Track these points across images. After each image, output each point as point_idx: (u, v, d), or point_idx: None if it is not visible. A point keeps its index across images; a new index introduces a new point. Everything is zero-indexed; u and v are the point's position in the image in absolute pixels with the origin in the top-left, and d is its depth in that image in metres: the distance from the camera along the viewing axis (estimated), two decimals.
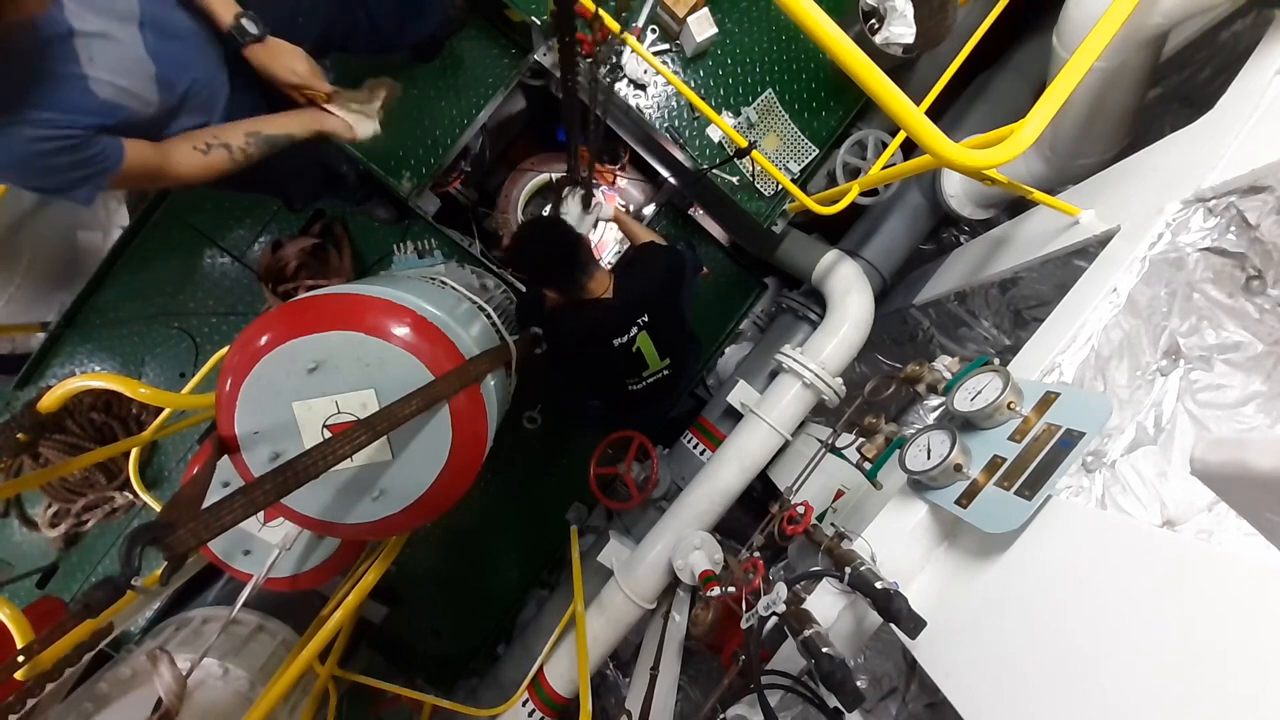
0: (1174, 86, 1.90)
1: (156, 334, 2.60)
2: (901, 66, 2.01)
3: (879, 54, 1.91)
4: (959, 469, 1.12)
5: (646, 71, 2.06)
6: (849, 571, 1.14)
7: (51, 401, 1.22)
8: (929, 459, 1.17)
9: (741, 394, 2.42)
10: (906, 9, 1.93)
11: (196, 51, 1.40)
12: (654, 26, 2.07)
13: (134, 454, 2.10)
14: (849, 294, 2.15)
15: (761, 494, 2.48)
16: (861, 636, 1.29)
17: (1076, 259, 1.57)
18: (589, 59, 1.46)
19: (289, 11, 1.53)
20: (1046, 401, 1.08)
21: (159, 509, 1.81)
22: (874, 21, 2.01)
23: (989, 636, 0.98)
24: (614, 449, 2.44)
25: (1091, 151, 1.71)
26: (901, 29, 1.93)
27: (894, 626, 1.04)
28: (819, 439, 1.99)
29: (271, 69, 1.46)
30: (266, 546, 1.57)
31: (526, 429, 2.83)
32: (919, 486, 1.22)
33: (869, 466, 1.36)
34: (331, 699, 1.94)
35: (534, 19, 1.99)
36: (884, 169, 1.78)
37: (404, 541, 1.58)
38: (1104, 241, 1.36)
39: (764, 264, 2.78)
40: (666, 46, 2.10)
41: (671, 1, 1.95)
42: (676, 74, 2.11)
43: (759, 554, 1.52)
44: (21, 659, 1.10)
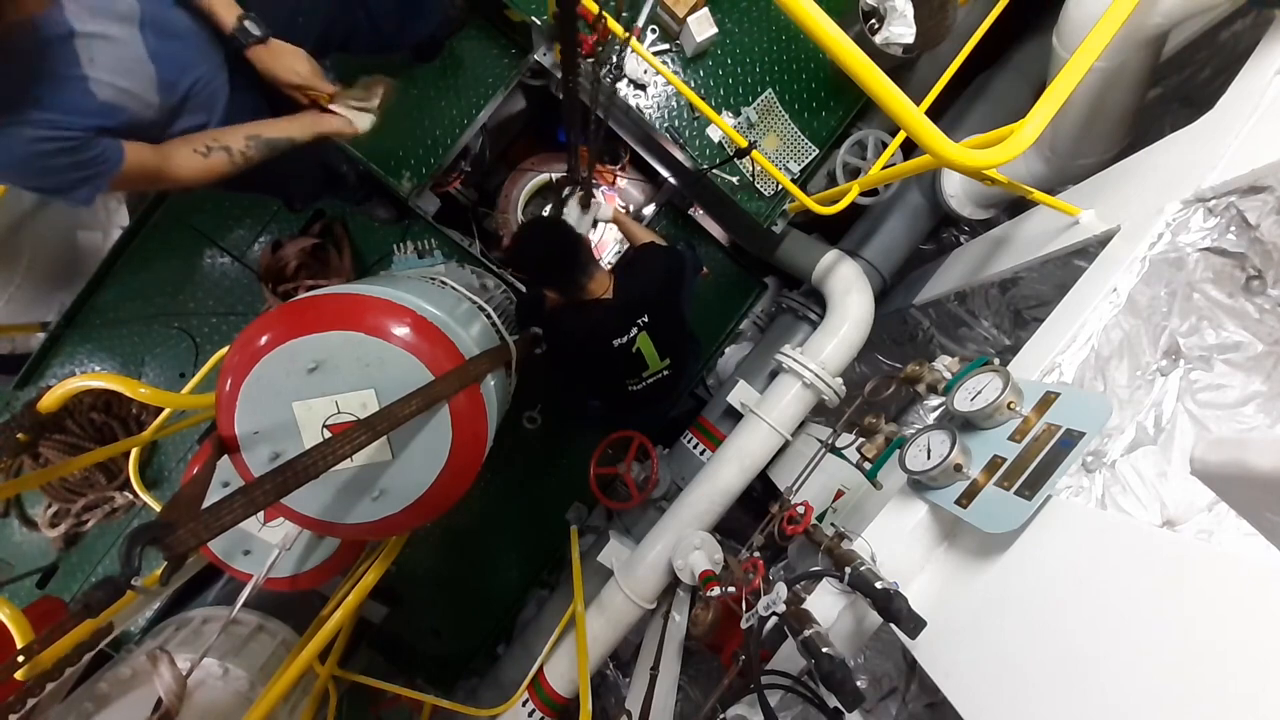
0: (1174, 86, 1.90)
1: (156, 334, 2.60)
2: (901, 66, 2.02)
3: (879, 54, 1.91)
4: (959, 469, 1.12)
5: (646, 71, 2.06)
6: (849, 571, 1.14)
7: (51, 401, 1.22)
8: (929, 459, 1.17)
9: (741, 394, 2.42)
10: (906, 9, 1.93)
11: (197, 52, 1.40)
12: (654, 26, 2.07)
13: (134, 454, 2.10)
14: (849, 294, 2.16)
15: (761, 494, 2.48)
16: (861, 636, 1.29)
17: (1076, 259, 1.57)
18: (589, 59, 1.46)
19: (289, 12, 1.53)
20: (1046, 401, 1.08)
21: (159, 509, 1.81)
22: (874, 21, 2.01)
23: (989, 636, 0.98)
24: (614, 449, 2.44)
25: (1091, 151, 1.71)
26: (901, 29, 1.93)
27: (894, 626, 1.04)
28: (819, 439, 1.99)
29: (274, 70, 1.47)
30: (266, 546, 1.57)
31: (526, 429, 2.83)
32: (919, 486, 1.22)
33: (869, 466, 1.36)
34: (331, 699, 1.94)
35: (534, 19, 1.99)
36: (884, 169, 1.78)
37: (404, 541, 1.58)
38: (1104, 241, 1.36)
39: (764, 264, 2.78)
40: (666, 46, 2.10)
41: (671, 1, 1.96)
42: (676, 74, 2.11)
43: (759, 554, 1.52)
44: (21, 659, 1.10)
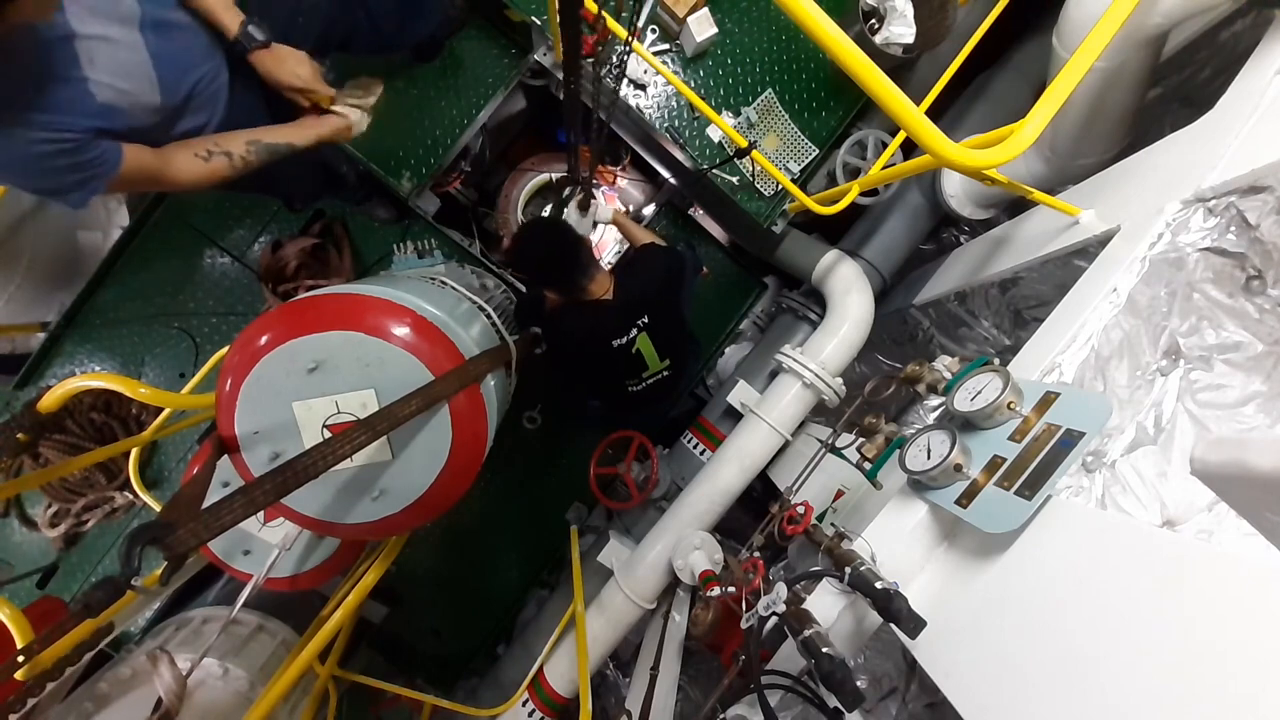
0: (1174, 86, 1.90)
1: (156, 334, 2.60)
2: (901, 66, 2.01)
3: (879, 54, 1.91)
4: (959, 469, 1.12)
5: (647, 71, 2.06)
6: (849, 571, 1.14)
7: (51, 401, 1.22)
8: (929, 459, 1.17)
9: (741, 394, 2.42)
10: (906, 9, 1.93)
11: (199, 52, 1.40)
12: (654, 26, 2.07)
13: (134, 454, 2.10)
14: (849, 294, 2.15)
15: (761, 494, 2.48)
16: (861, 636, 1.29)
17: (1076, 259, 1.57)
18: (589, 59, 1.46)
19: (289, 12, 1.53)
20: (1046, 401, 1.08)
21: (159, 509, 1.81)
22: (874, 21, 2.01)
23: (989, 636, 0.98)
24: (614, 449, 2.44)
25: (1091, 151, 1.71)
26: (901, 29, 1.93)
27: (894, 626, 1.04)
28: (819, 439, 1.99)
29: (276, 74, 1.48)
30: (266, 546, 1.57)
31: (526, 429, 2.83)
32: (919, 486, 1.22)
33: (869, 466, 1.36)
34: (331, 699, 1.94)
35: (534, 19, 1.99)
36: (884, 169, 1.77)
37: (404, 541, 1.58)
38: (1104, 241, 1.36)
39: (764, 264, 2.78)
40: (666, 46, 2.10)
41: (671, 1, 1.96)
42: (676, 74, 2.11)
43: (759, 554, 1.52)
44: (21, 659, 1.10)
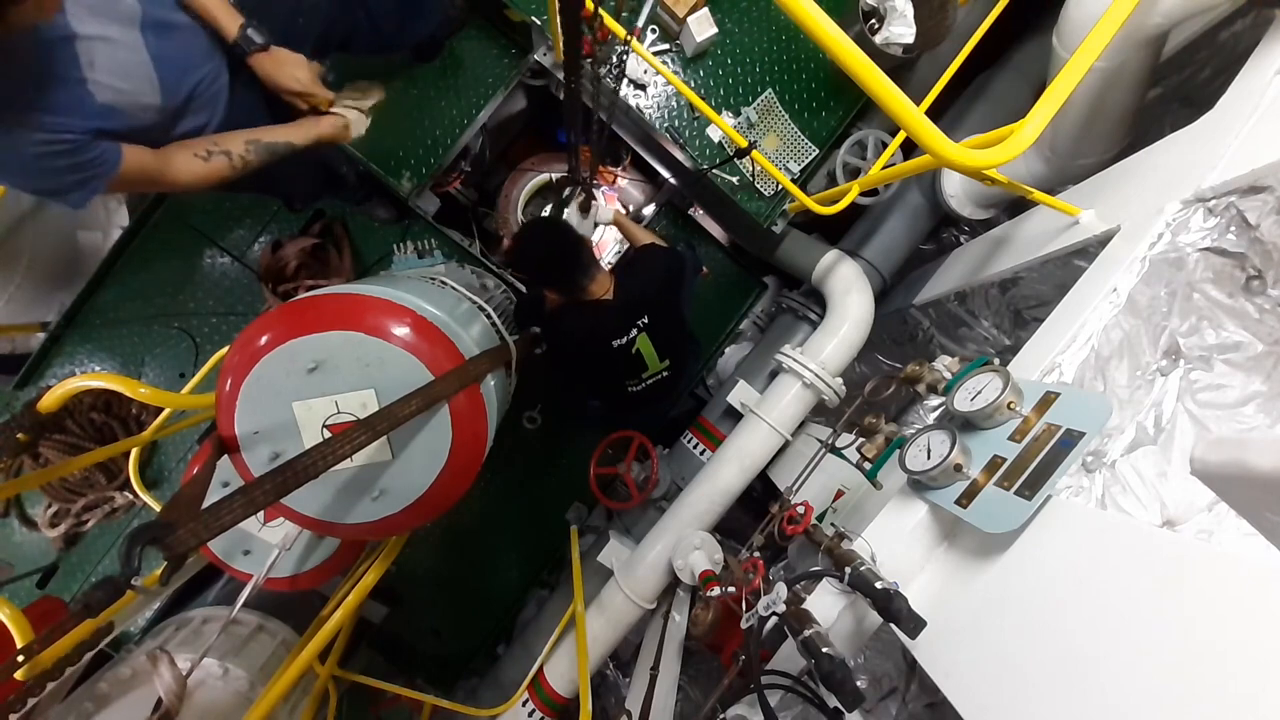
0: (1174, 86, 1.90)
1: (156, 334, 2.60)
2: (901, 66, 2.01)
3: (879, 54, 1.91)
4: (959, 469, 1.12)
5: (646, 71, 2.06)
6: (849, 571, 1.14)
7: (51, 401, 1.22)
8: (929, 459, 1.17)
9: (741, 394, 2.42)
10: (906, 9, 1.93)
11: (199, 53, 1.40)
12: (654, 26, 2.07)
13: (134, 454, 2.10)
14: (849, 294, 2.16)
15: (761, 494, 2.48)
16: (861, 636, 1.29)
17: (1076, 259, 1.57)
18: (589, 59, 1.46)
19: (289, 12, 1.53)
20: (1046, 401, 1.08)
21: (159, 509, 1.81)
22: (874, 21, 2.01)
23: (989, 636, 0.98)
24: (614, 449, 2.44)
25: (1091, 151, 1.71)
26: (901, 29, 1.93)
27: (894, 626, 1.04)
28: (819, 439, 1.99)
29: (275, 77, 1.48)
30: (266, 546, 1.57)
31: (526, 429, 2.83)
32: (919, 486, 1.22)
33: (869, 466, 1.36)
34: (331, 699, 1.94)
35: (534, 19, 1.99)
36: (884, 169, 1.78)
37: (404, 541, 1.58)
38: (1104, 241, 1.36)
39: (764, 264, 2.78)
40: (666, 46, 2.10)
41: (671, 1, 1.95)
42: (676, 74, 2.11)
43: (759, 554, 1.52)
44: (21, 659, 1.10)
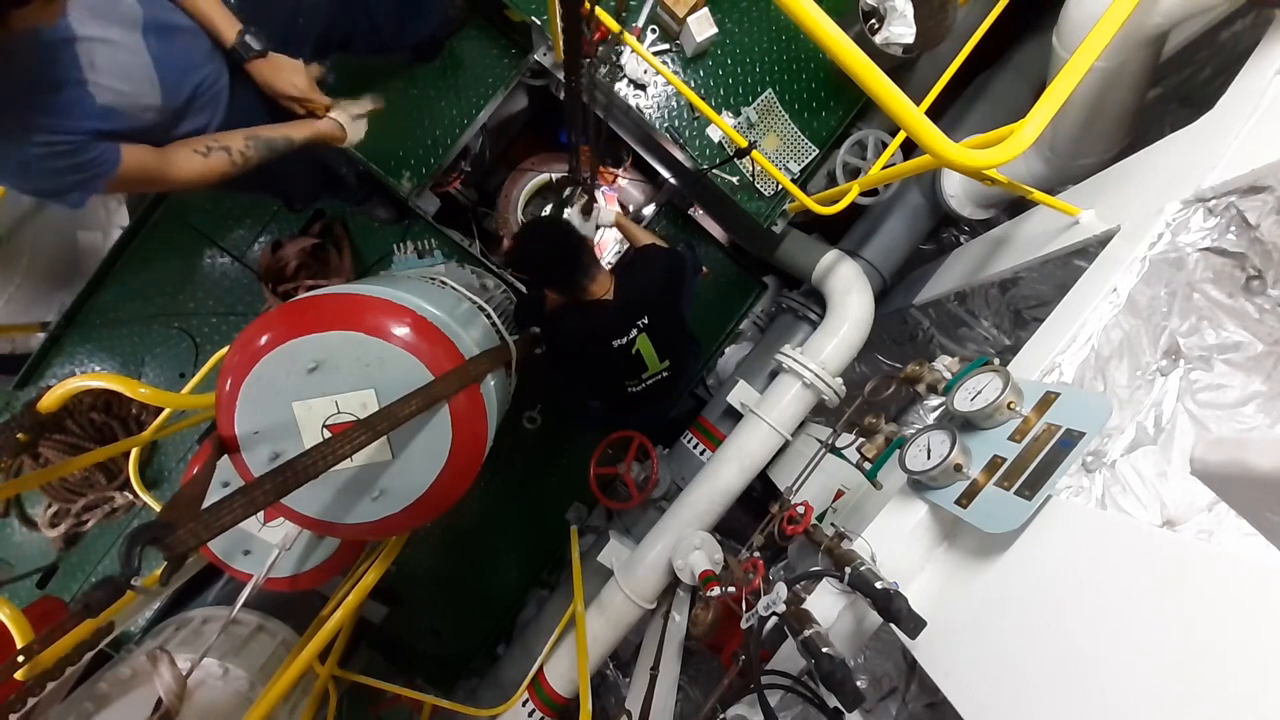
0: (1174, 86, 1.90)
1: (156, 334, 2.60)
2: (901, 66, 2.01)
3: (879, 54, 1.91)
4: (959, 469, 1.12)
5: (646, 71, 2.06)
6: (849, 571, 1.14)
7: (51, 401, 1.22)
8: (929, 459, 1.17)
9: (741, 394, 2.42)
10: (906, 9, 1.93)
11: (200, 55, 1.41)
12: (654, 26, 2.07)
13: (134, 454, 2.10)
14: (849, 294, 2.15)
15: (761, 494, 2.48)
16: (861, 636, 1.29)
17: (1076, 259, 1.57)
18: (588, 59, 1.46)
19: (289, 12, 1.53)
20: (1046, 401, 1.08)
21: (159, 509, 1.81)
22: (874, 21, 2.01)
23: (989, 636, 0.98)
24: (614, 449, 2.44)
25: (1091, 151, 1.71)
26: (901, 29, 1.93)
27: (894, 626, 1.04)
28: (819, 439, 1.99)
29: (273, 83, 1.49)
30: (266, 546, 1.57)
31: (526, 429, 2.83)
32: (919, 486, 1.22)
33: (869, 466, 1.36)
34: (331, 699, 1.94)
35: (534, 19, 1.99)
36: (884, 169, 1.78)
37: (404, 541, 1.58)
38: (1104, 241, 1.36)
39: (764, 264, 2.78)
40: (666, 46, 2.10)
41: (671, 1, 1.95)
42: (676, 74, 2.11)
43: (759, 554, 1.52)
44: (21, 659, 1.10)
